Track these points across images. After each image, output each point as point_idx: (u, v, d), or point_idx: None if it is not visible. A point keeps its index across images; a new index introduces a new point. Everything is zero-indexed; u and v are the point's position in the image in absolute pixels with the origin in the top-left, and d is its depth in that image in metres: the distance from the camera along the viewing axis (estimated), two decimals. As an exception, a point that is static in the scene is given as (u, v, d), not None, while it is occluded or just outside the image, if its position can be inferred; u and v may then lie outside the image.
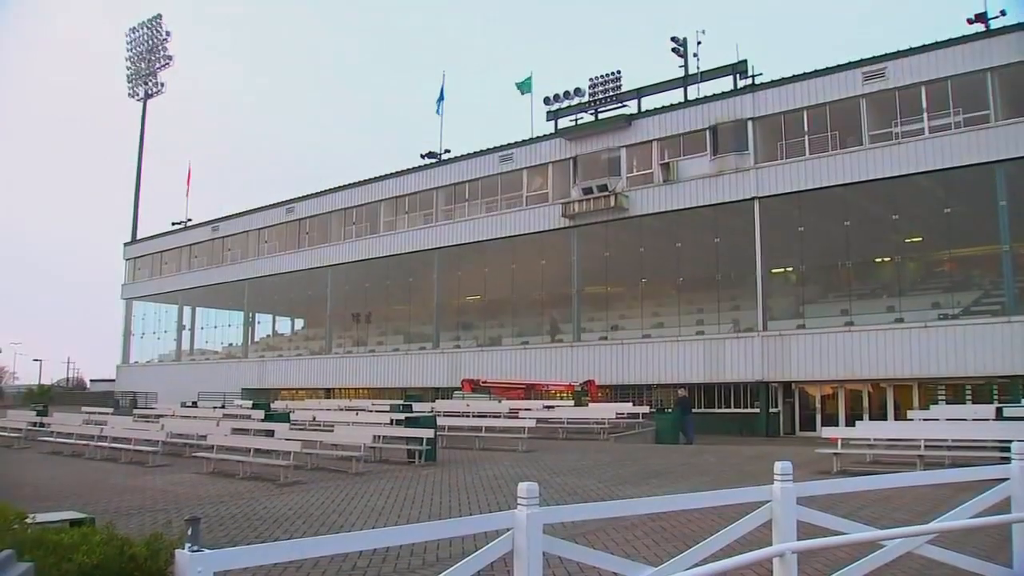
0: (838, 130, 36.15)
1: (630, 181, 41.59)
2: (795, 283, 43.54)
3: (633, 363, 40.18)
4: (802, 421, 36.12)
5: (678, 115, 40.70)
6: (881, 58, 35.18)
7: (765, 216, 37.24)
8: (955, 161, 33.00)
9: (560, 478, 18.10)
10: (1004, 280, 33.24)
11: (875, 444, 20.52)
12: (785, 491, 6.64)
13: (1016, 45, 31.40)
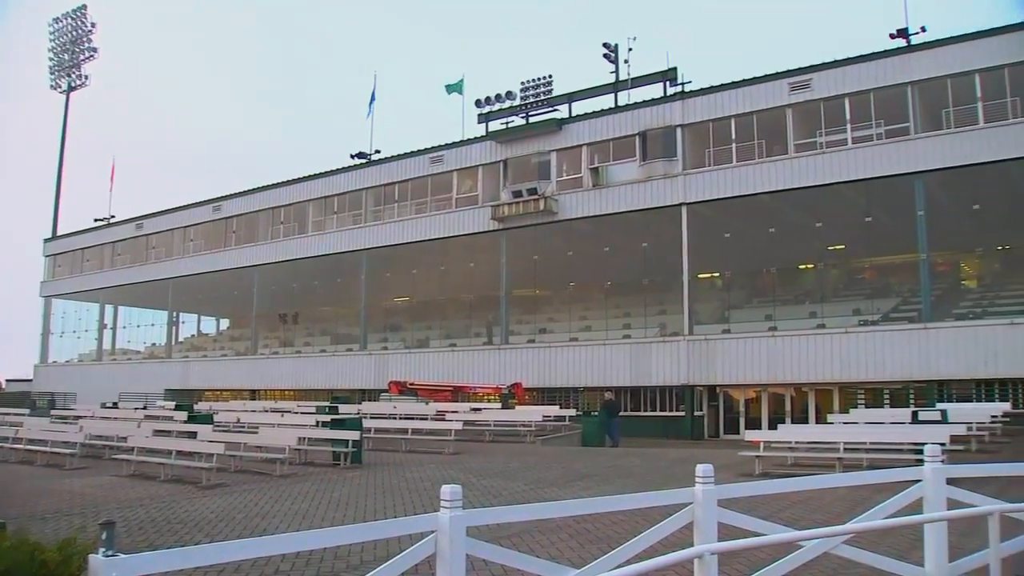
0: (765, 139, 36.72)
1: (560, 185, 41.76)
2: (721, 288, 44.22)
3: (560, 366, 40.35)
4: (726, 424, 36.62)
5: (608, 120, 40.98)
6: (807, 69, 35.85)
7: (692, 222, 37.67)
8: (876, 171, 33.78)
9: (486, 481, 18.08)
10: (921, 288, 34.13)
11: (796, 447, 20.86)
12: (706, 493, 6.72)
13: (1016, 44, 31.99)
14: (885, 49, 34.59)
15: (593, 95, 42.63)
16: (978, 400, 30.31)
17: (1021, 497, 12.62)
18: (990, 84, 32.08)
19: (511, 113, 44.12)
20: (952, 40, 33.09)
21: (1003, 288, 38.91)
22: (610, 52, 42.80)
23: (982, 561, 7.29)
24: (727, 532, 6.99)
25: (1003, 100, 31.92)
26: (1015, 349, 30.45)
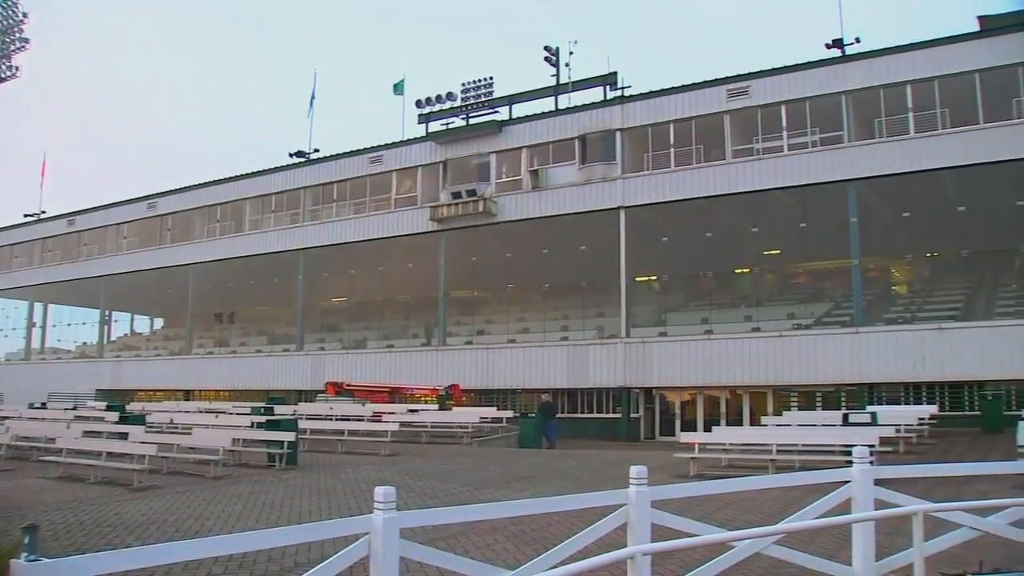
0: (703, 144, 37.12)
1: (499, 187, 41.79)
2: (658, 291, 44.58)
3: (498, 367, 40.36)
4: (662, 426, 36.90)
5: (548, 123, 41.11)
6: (745, 76, 36.33)
7: (630, 225, 37.92)
8: (811, 178, 34.35)
9: (422, 482, 18.03)
10: (853, 293, 34.77)
11: (731, 448, 21.10)
12: (640, 495, 6.78)
13: (944, 58, 32.77)
14: (821, 59, 35.24)
15: (534, 98, 42.74)
16: (907, 403, 30.93)
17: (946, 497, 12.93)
18: (921, 95, 32.84)
19: (452, 114, 44.06)
20: (884, 52, 33.87)
21: (931, 294, 39.84)
22: (551, 55, 42.94)
23: (907, 560, 7.44)
24: (662, 533, 7.04)
25: (933, 111, 32.68)
26: (942, 353, 31.21)
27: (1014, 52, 31.62)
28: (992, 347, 30.62)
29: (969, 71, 32.08)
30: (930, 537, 7.85)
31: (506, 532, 11.64)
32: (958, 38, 32.98)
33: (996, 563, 8.98)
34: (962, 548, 8.37)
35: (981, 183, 33.56)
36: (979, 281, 40.29)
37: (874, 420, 23.30)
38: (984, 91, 31.76)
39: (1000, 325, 31.73)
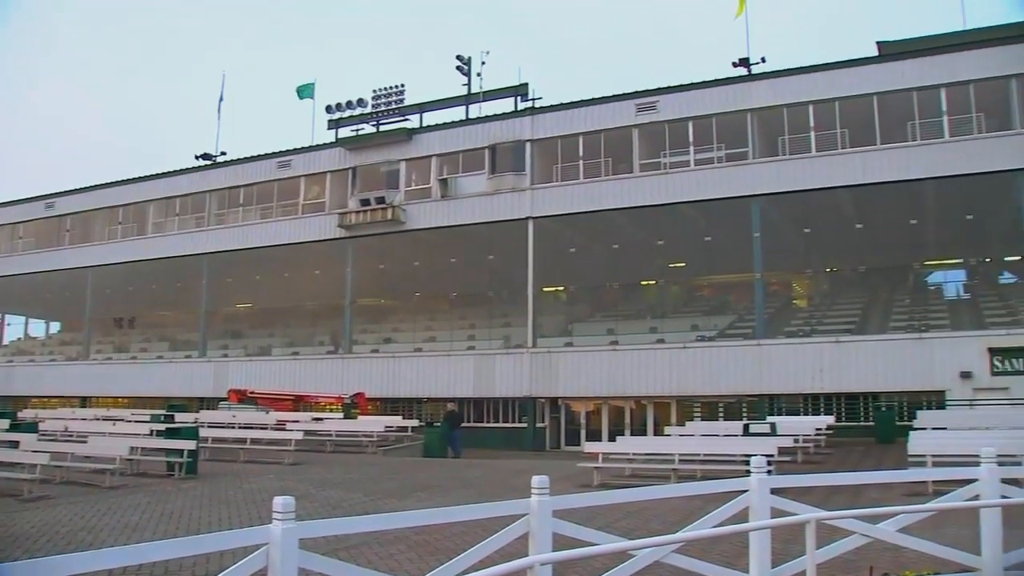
0: (611, 157, 37.53)
1: (408, 195, 41.62)
2: (565, 302, 44.94)
3: (404, 376, 40.13)
4: (567, 436, 37.08)
5: (459, 132, 41.12)
6: (654, 92, 36.88)
7: (539, 236, 38.12)
8: (716, 193, 35.02)
9: (325, 491, 17.84)
10: (756, 306, 35.52)
11: (634, 458, 21.34)
12: (542, 504, 6.82)
13: (845, 80, 33.73)
14: (728, 77, 36.00)
15: (445, 106, 42.74)
16: (806, 414, 31.69)
17: (841, 505, 13.31)
18: (822, 115, 33.80)
19: (362, 121, 43.76)
20: (789, 72, 34.84)
21: (830, 308, 40.98)
22: (463, 65, 42.99)
23: (801, 567, 7.62)
24: (565, 542, 7.09)
25: (833, 131, 33.66)
26: (839, 365, 32.12)
27: (910, 77, 32.84)
28: (886, 360, 31.68)
29: (868, 94, 33.19)
30: (824, 544, 8.07)
31: (409, 542, 11.59)
32: (858, 62, 34.15)
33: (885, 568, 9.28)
34: (853, 554, 8.63)
35: (878, 202, 34.72)
36: (875, 296, 41.62)
37: (773, 430, 23.80)
38: (881, 113, 32.86)
39: (893, 339, 32.79)
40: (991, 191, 33.05)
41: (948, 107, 32.28)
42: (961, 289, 44.18)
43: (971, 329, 33.61)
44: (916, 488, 15.38)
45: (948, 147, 32.11)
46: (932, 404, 30.14)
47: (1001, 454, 10.68)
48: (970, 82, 32.10)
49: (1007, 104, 31.70)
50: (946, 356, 30.92)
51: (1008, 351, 30.39)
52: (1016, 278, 41.99)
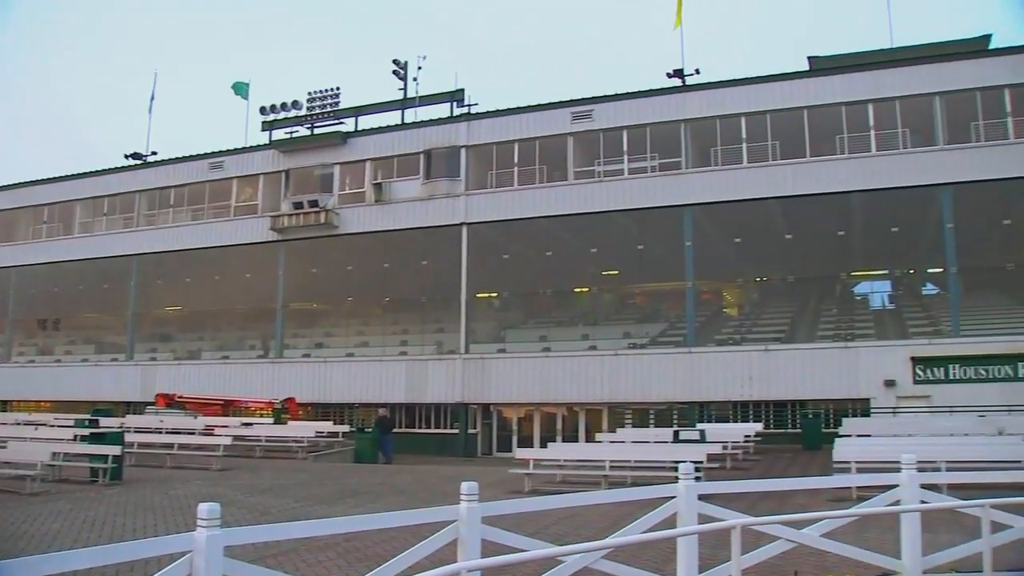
0: (546, 164, 37.68)
1: (342, 199, 41.32)
2: (498, 308, 44.96)
3: (336, 381, 39.80)
4: (499, 442, 37.08)
5: (394, 137, 40.93)
6: (589, 100, 37.13)
7: (472, 242, 38.11)
8: (650, 202, 35.35)
9: (253, 498, 17.63)
10: (687, 314, 35.93)
11: (565, 464, 21.43)
12: (471, 511, 6.82)
13: (776, 93, 34.32)
14: (662, 87, 36.41)
15: (380, 110, 42.49)
16: (735, 420, 32.20)
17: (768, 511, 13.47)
18: (754, 127, 34.35)
19: (296, 123, 43.33)
20: (722, 84, 35.39)
21: (760, 316, 41.64)
22: (399, 69, 42.82)
23: (727, 572, 7.70)
24: (494, 548, 7.08)
25: (764, 143, 34.21)
26: (768, 374, 32.63)
27: (839, 91, 33.57)
28: (813, 368, 32.30)
29: (798, 107, 33.83)
30: (751, 549, 8.18)
31: (338, 549, 11.51)
32: (789, 76, 34.85)
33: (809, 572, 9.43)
34: (779, 559, 8.76)
35: (807, 213, 35.40)
36: (803, 306, 42.35)
37: (703, 437, 24.12)
38: (811, 126, 33.51)
39: (821, 348, 33.46)
40: (916, 205, 33.89)
41: (875, 122, 33.06)
42: (886, 300, 45.21)
43: (895, 339, 34.41)
44: (841, 494, 15.64)
45: (875, 161, 32.88)
46: (857, 411, 30.82)
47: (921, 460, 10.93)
48: (896, 98, 32.92)
49: (931, 121, 32.53)
50: (871, 365, 31.64)
51: (930, 360, 31.21)
52: (938, 290, 43.02)
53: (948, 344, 31.71)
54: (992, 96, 31.98)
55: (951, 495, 12.74)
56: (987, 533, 8.09)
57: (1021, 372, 30.35)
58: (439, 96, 41.10)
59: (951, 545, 9.03)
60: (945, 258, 32.98)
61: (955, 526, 10.50)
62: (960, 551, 8.84)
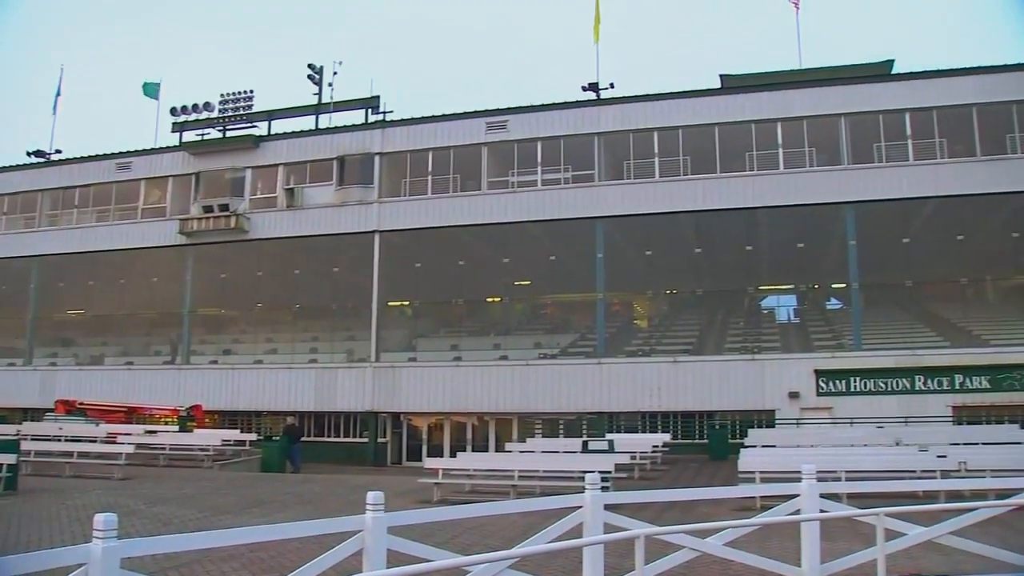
0: (460, 173, 37.69)
1: (253, 203, 40.71)
2: (410, 317, 44.74)
3: (244, 389, 39.15)
4: (409, 451, 36.91)
5: (308, 142, 40.51)
6: (505, 111, 37.30)
7: (385, 250, 37.91)
8: (563, 213, 35.64)
9: (156, 508, 17.24)
10: (597, 326, 36.24)
11: (474, 474, 21.41)
12: (376, 521, 6.78)
13: (688, 109, 34.88)
14: (577, 100, 36.77)
15: (294, 115, 42.06)
16: (644, 431, 32.57)
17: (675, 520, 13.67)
18: (666, 142, 34.92)
19: (208, 125, 42.57)
20: (636, 99, 35.97)
21: (669, 328, 42.24)
22: (315, 74, 42.43)
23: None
24: (401, 559, 7.05)
25: (676, 158, 34.79)
26: (676, 385, 33.13)
27: (749, 109, 34.35)
28: (720, 380, 32.92)
29: (709, 123, 34.51)
30: (656, 558, 8.29)
31: (243, 560, 11.32)
32: (701, 93, 35.54)
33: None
34: (684, 568, 8.89)
35: (716, 227, 36.14)
36: (711, 318, 43.10)
37: (611, 448, 24.34)
38: (722, 143, 34.18)
39: (728, 360, 34.11)
40: (821, 222, 34.87)
41: (784, 140, 33.94)
42: (792, 313, 46.34)
43: (800, 352, 35.30)
44: (745, 503, 15.93)
45: (782, 178, 33.72)
46: (763, 422, 31.47)
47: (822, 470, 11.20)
48: (804, 118, 33.87)
49: (837, 141, 33.54)
50: (776, 377, 32.39)
51: (832, 373, 32.10)
52: (841, 305, 44.19)
53: (850, 357, 32.66)
54: (894, 119, 33.18)
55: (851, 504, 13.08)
56: (881, 540, 8.33)
57: (918, 385, 31.47)
58: (354, 102, 40.84)
59: (849, 552, 9.27)
60: (848, 274, 33.94)
61: (854, 534, 10.82)
62: (856, 558, 9.09)
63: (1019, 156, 32.36)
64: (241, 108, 42.26)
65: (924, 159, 32.95)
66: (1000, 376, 31.07)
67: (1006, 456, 19.43)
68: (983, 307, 40.30)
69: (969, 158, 32.83)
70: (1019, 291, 38.80)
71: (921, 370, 31.61)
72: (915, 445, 22.47)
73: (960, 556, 9.81)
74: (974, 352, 32.32)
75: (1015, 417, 30.04)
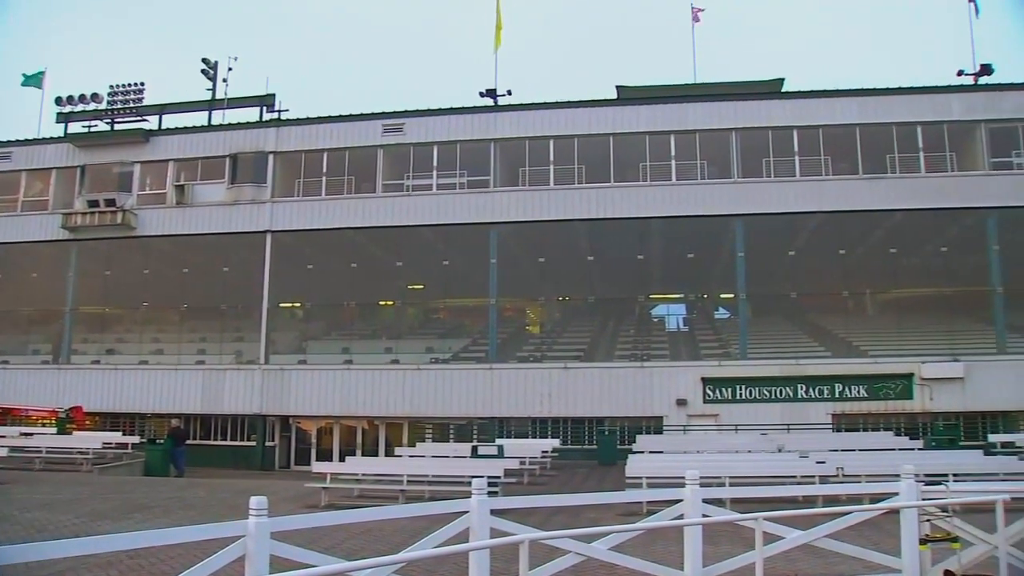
0: (355, 175, 37.40)
1: (142, 199, 39.58)
2: (300, 319, 44.18)
3: (128, 390, 38.01)
4: (298, 455, 36.43)
5: (200, 138, 39.60)
6: (401, 114, 37.16)
7: (277, 250, 37.35)
8: (457, 218, 35.71)
9: (30, 513, 16.65)
10: (490, 331, 36.37)
11: (363, 479, 21.28)
12: (259, 526, 6.68)
13: (583, 119, 35.04)
14: (474, 106, 36.86)
15: (187, 110, 41.02)
16: (534, 436, 32.79)
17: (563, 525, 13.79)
18: (561, 150, 35.31)
19: (95, 117, 41.13)
20: (533, 106, 36.28)
21: (560, 335, 42.62)
22: (209, 68, 41.55)
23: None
24: (285, 564, 6.94)
25: (571, 166, 35.18)
26: (566, 391, 33.51)
27: (644, 121, 35.00)
28: (610, 387, 33.42)
29: (605, 133, 35.03)
30: (543, 563, 8.36)
31: (121, 567, 11.04)
32: (598, 103, 36.10)
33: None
34: (570, 572, 8.97)
35: (609, 236, 36.65)
36: (603, 326, 43.66)
37: (500, 452, 24.45)
38: (616, 153, 34.74)
39: (618, 367, 34.59)
40: (711, 233, 35.72)
41: (677, 152, 34.67)
42: (681, 322, 47.27)
43: (688, 360, 36.07)
44: (632, 508, 16.16)
45: (675, 189, 34.46)
46: (651, 429, 32.09)
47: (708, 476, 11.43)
48: (697, 131, 34.67)
49: (728, 154, 34.43)
50: (665, 384, 33.06)
51: (719, 381, 32.94)
52: (729, 314, 45.29)
53: (736, 366, 33.56)
54: (783, 135, 34.29)
55: (734, 509, 13.40)
56: (759, 544, 8.55)
57: (800, 393, 32.52)
58: (249, 100, 40.16)
59: (730, 556, 9.50)
60: (736, 285, 34.83)
61: (736, 538, 11.07)
62: (736, 561, 9.32)
63: (898, 175, 33.83)
64: (131, 101, 41.00)
65: (810, 175, 34.13)
66: (877, 385, 32.38)
67: (880, 462, 20.16)
68: (862, 319, 41.79)
69: (852, 176, 34.16)
70: (896, 304, 40.34)
71: (803, 379, 32.72)
72: (796, 451, 23.15)
73: (835, 558, 10.17)
74: (853, 362, 33.63)
75: (890, 424, 31.60)
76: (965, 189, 33.60)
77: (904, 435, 28.60)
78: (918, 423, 31.77)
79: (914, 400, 32.07)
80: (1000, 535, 9.48)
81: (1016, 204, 33.01)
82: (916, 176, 33.80)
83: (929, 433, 29.77)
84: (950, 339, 34.43)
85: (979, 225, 33.76)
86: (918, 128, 34.00)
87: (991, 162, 33.72)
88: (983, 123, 33.90)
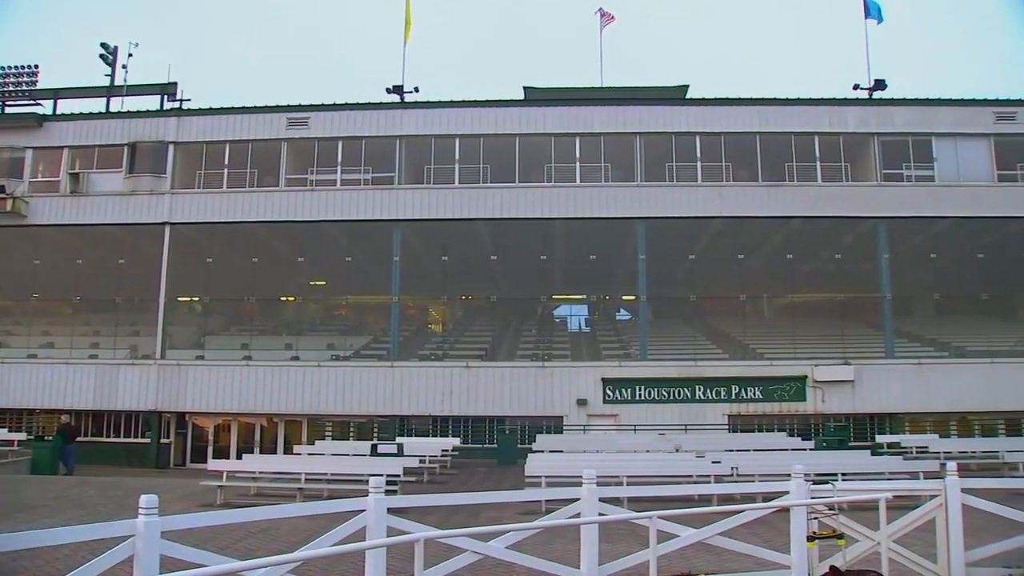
0: (258, 168, 36.82)
1: (34, 186, 38.27)
2: (199, 313, 43.27)
3: (15, 384, 36.68)
4: (194, 453, 35.68)
5: (97, 125, 38.45)
6: (307, 108, 36.73)
7: (175, 243, 36.54)
8: (361, 214, 35.47)
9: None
10: (391, 329, 36.22)
11: (260, 477, 21.00)
12: (149, 525, 6.53)
13: (490, 119, 34.92)
14: (381, 102, 36.67)
15: (83, 95, 39.86)
16: (435, 435, 32.78)
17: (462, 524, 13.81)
18: (467, 148, 35.40)
19: (-16, 100, 39.77)
20: (439, 104, 36.36)
21: (463, 334, 42.66)
22: (108, 54, 40.48)
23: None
24: (177, 564, 6.80)
25: (476, 165, 35.29)
26: (468, 390, 33.60)
27: (550, 123, 35.31)
28: (511, 386, 33.60)
29: (511, 134, 35.22)
30: (441, 561, 8.36)
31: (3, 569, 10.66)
32: (505, 103, 36.34)
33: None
34: (468, 571, 9.00)
35: (512, 236, 36.85)
36: (505, 325, 43.80)
37: (400, 451, 24.40)
38: (522, 153, 34.95)
39: (519, 366, 34.78)
40: (613, 235, 36.16)
41: (581, 154, 35.04)
42: (583, 323, 47.78)
43: (588, 360, 36.47)
44: (531, 507, 16.25)
45: (579, 191, 34.81)
46: (552, 428, 32.36)
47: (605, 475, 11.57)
48: (602, 134, 35.09)
49: (632, 158, 34.94)
50: (565, 384, 33.37)
51: (619, 381, 33.40)
52: (630, 316, 45.89)
53: (636, 367, 34.05)
54: (685, 141, 34.99)
55: (631, 507, 13.59)
56: (653, 542, 8.70)
57: (698, 394, 33.21)
58: (149, 87, 39.25)
59: (627, 554, 9.63)
60: (637, 286, 35.31)
61: (633, 536, 11.25)
62: (632, 559, 9.45)
63: (796, 184, 34.80)
64: (24, 83, 39.67)
65: (711, 181, 34.88)
66: (771, 387, 33.25)
67: (773, 461, 20.69)
68: (759, 323, 42.82)
69: (751, 183, 34.97)
70: (791, 309, 41.35)
71: (701, 380, 33.42)
72: (693, 452, 23.62)
73: (728, 556, 10.40)
74: (749, 364, 34.50)
75: (784, 425, 32.50)
76: (858, 199, 34.77)
77: (797, 436, 29.54)
78: (810, 424, 32.73)
79: (807, 402, 33.04)
80: (883, 532, 9.86)
81: (905, 215, 34.37)
82: (812, 184, 34.84)
83: (820, 434, 30.65)
84: (842, 343, 35.51)
85: (871, 234, 34.99)
86: (815, 138, 35.04)
87: (883, 173, 34.93)
88: (876, 136, 35.12)
